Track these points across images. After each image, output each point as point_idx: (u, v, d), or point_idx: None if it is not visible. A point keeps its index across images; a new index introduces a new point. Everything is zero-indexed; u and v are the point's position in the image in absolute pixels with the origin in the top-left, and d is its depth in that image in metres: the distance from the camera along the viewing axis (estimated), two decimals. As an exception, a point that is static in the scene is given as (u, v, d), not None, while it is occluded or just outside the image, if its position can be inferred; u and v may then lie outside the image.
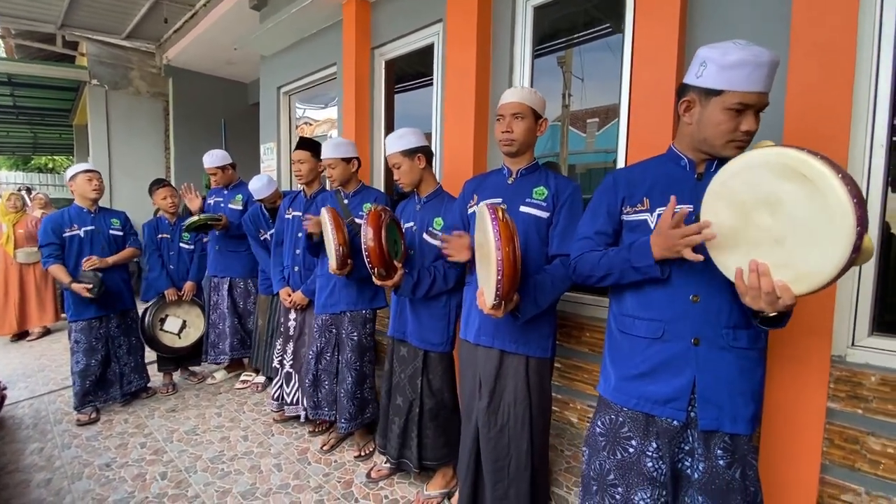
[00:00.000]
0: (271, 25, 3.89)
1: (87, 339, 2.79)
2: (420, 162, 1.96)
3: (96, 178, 2.84)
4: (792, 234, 0.86)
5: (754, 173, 0.90)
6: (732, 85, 1.02)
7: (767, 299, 0.91)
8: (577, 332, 2.34)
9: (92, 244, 2.82)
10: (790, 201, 0.85)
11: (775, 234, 0.89)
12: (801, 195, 0.84)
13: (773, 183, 0.87)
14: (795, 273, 0.87)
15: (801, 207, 0.84)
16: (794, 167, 0.84)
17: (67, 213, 2.80)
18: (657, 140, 1.87)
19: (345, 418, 2.28)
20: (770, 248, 0.90)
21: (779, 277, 0.89)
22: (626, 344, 1.24)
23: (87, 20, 5.47)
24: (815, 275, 0.85)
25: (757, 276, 0.91)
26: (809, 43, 1.54)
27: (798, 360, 1.57)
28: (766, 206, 0.89)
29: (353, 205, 2.36)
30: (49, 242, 2.70)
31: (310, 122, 4.76)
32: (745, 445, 1.13)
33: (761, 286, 0.91)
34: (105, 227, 2.89)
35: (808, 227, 0.84)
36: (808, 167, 0.82)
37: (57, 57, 6.71)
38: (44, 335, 4.76)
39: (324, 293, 2.36)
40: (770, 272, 0.90)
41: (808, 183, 0.82)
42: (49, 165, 18.38)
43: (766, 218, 0.89)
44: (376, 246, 1.68)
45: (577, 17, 2.72)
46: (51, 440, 2.58)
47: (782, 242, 0.88)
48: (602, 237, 1.31)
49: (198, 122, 6.74)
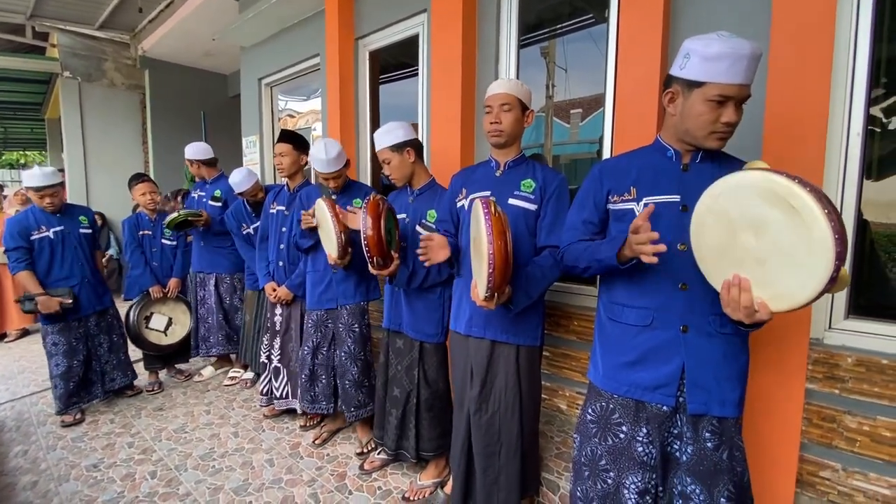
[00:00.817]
0: (251, 15, 3.80)
1: (66, 340, 2.72)
2: (409, 156, 1.96)
3: (48, 195, 2.61)
4: (774, 257, 0.91)
5: (745, 194, 0.93)
6: (713, 77, 1.04)
7: (745, 312, 0.96)
8: (566, 321, 2.37)
9: (63, 245, 2.70)
10: (775, 227, 0.89)
11: (758, 255, 0.93)
12: (785, 223, 0.87)
13: (761, 207, 0.91)
14: (774, 293, 0.92)
15: (784, 234, 0.88)
16: (781, 195, 0.87)
17: (32, 215, 2.65)
18: (642, 130, 1.89)
19: (353, 406, 2.29)
20: (752, 266, 0.94)
21: (758, 294, 0.94)
22: (616, 332, 1.27)
23: (58, 10, 5.27)
24: (791, 297, 0.90)
25: (738, 291, 0.95)
26: (789, 31, 1.57)
27: (778, 343, 1.62)
28: (752, 228, 0.93)
29: (341, 201, 2.33)
30: (16, 247, 2.56)
31: (293, 115, 4.68)
32: (732, 427, 1.17)
33: (741, 300, 0.95)
34: (74, 226, 2.77)
35: (789, 253, 0.88)
36: (796, 198, 0.85)
37: (27, 48, 6.46)
38: (22, 336, 4.64)
39: (318, 289, 2.35)
40: (750, 288, 0.94)
41: (793, 213, 0.85)
42: (21, 161, 17.77)
43: (751, 238, 0.93)
44: (375, 235, 1.68)
45: (562, 7, 2.72)
46: (35, 442, 2.53)
47: (763, 263, 0.92)
48: (589, 226, 1.34)
49: (176, 115, 6.58)
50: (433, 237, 1.64)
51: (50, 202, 2.63)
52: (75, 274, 2.75)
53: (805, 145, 1.54)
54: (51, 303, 2.58)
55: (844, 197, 1.59)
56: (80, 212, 2.88)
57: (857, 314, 1.63)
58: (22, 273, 2.58)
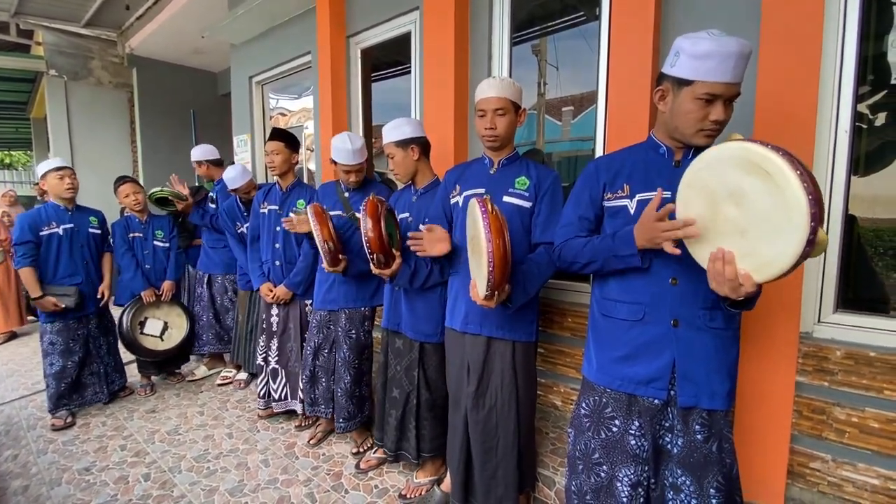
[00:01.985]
0: (242, 12, 3.76)
1: (64, 340, 2.71)
2: (413, 153, 1.95)
3: (68, 176, 2.73)
4: (754, 226, 0.91)
5: (722, 166, 0.94)
6: (701, 75, 1.05)
7: (730, 286, 0.96)
8: (560, 317, 2.39)
9: (71, 243, 2.75)
10: (752, 195, 0.90)
11: (740, 226, 0.93)
12: (762, 189, 0.88)
13: (739, 176, 0.91)
14: (757, 262, 0.92)
15: (762, 201, 0.88)
16: (756, 162, 0.88)
17: (45, 211, 2.71)
18: (635, 127, 1.90)
19: (343, 417, 2.26)
20: (735, 238, 0.95)
21: (742, 266, 0.94)
22: (609, 327, 1.28)
23: (43, 7, 5.17)
24: (773, 265, 0.89)
25: (722, 264, 0.96)
26: (778, 28, 1.59)
27: (769, 337, 1.65)
28: (732, 199, 0.93)
29: (353, 199, 2.31)
30: (25, 241, 2.60)
31: (284, 113, 4.65)
32: (722, 420, 1.19)
33: (725, 273, 0.95)
34: (84, 225, 2.82)
35: (768, 219, 0.88)
36: (769, 162, 0.86)
37: (11, 46, 6.34)
38: (9, 339, 4.57)
39: (322, 288, 2.33)
40: (735, 260, 0.95)
41: (768, 178, 0.86)
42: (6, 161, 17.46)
43: (732, 209, 0.94)
44: (376, 235, 1.68)
45: (553, 5, 2.73)
46: (25, 446, 2.50)
47: (745, 233, 0.93)
48: (585, 222, 1.35)
49: (165, 114, 6.49)
50: (435, 228, 1.64)
51: (70, 183, 2.72)
52: (80, 272, 2.77)
53: (794, 143, 1.56)
54: (46, 303, 2.61)
55: (832, 193, 1.62)
56: (91, 212, 2.93)
57: (846, 308, 1.66)
58: (25, 269, 2.61)
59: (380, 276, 1.81)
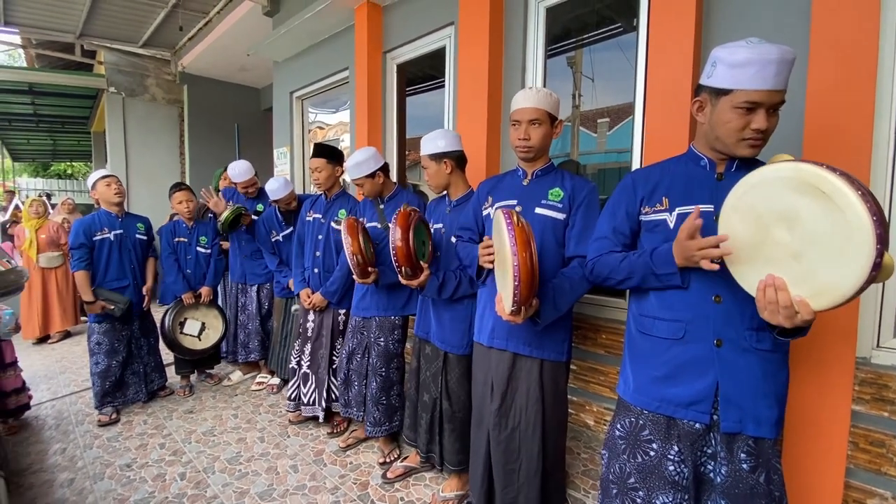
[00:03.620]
0: (284, 31, 3.94)
1: (109, 340, 2.86)
2: (446, 167, 1.97)
3: (115, 182, 2.91)
4: (810, 250, 0.85)
5: (771, 187, 0.89)
6: (739, 84, 1.02)
7: (785, 314, 0.90)
8: (594, 333, 2.33)
9: (121, 247, 2.92)
10: (807, 217, 0.84)
11: (793, 249, 0.88)
12: (818, 211, 0.82)
13: (790, 198, 0.86)
14: (813, 288, 0.86)
15: (818, 223, 0.83)
16: (810, 182, 0.83)
17: (98, 217, 2.90)
18: (674, 139, 1.85)
19: (370, 422, 2.30)
20: (788, 262, 0.89)
21: (797, 292, 0.88)
22: (647, 345, 1.23)
23: (105, 29, 5.60)
24: (833, 291, 0.83)
25: (774, 291, 0.90)
26: (830, 38, 1.51)
27: (822, 363, 1.54)
28: (784, 221, 0.88)
29: (388, 210, 2.36)
30: (80, 245, 2.77)
31: (322, 126, 4.81)
32: (770, 449, 1.12)
33: (779, 301, 0.90)
34: (132, 231, 2.99)
35: (826, 242, 0.83)
36: (826, 182, 0.80)
37: (76, 66, 6.87)
38: (64, 338, 4.86)
39: (358, 295, 2.39)
40: (787, 287, 0.89)
41: (825, 199, 0.81)
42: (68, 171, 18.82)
43: (784, 233, 0.89)
44: (404, 246, 1.69)
45: (589, 17, 2.72)
46: (73, 441, 2.63)
47: (800, 258, 0.87)
48: (619, 237, 1.31)
49: (212, 128, 6.86)
50: None
51: (116, 189, 2.89)
52: (127, 276, 2.93)
53: (849, 156, 1.47)
54: (95, 307, 2.79)
55: (892, 209, 1.51)
56: (139, 219, 3.10)
57: (908, 333, 1.54)
58: (80, 273, 2.77)
59: (408, 286, 1.82)
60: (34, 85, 6.54)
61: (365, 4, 3.37)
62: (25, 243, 4.59)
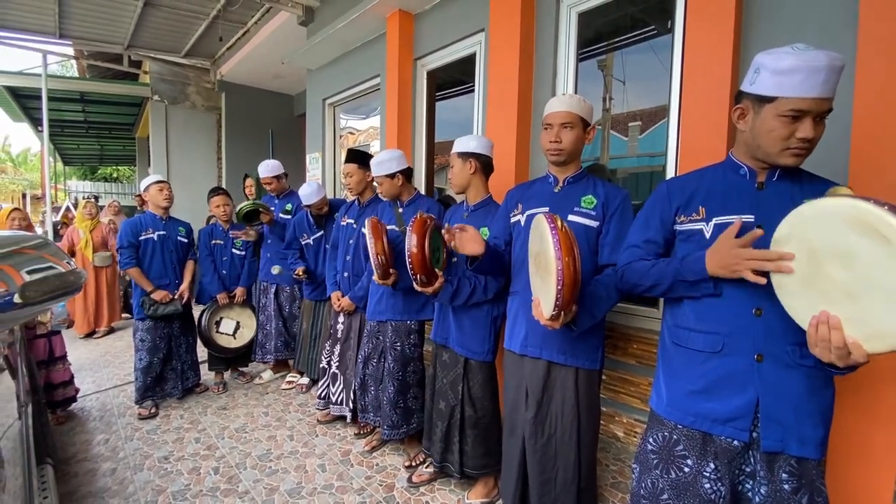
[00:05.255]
0: (318, 40, 4.05)
1: (152, 338, 3.00)
2: (470, 167, 1.99)
3: (166, 188, 3.09)
4: (867, 291, 0.82)
5: (829, 223, 0.86)
6: (785, 91, 0.99)
7: (838, 353, 0.87)
8: (625, 343, 2.28)
9: (163, 247, 3.06)
10: (866, 258, 0.81)
11: (848, 289, 0.84)
12: (878, 253, 0.79)
13: (849, 236, 0.82)
14: (869, 331, 0.82)
15: (877, 266, 0.79)
16: (871, 224, 0.79)
17: (143, 219, 3.07)
18: (711, 145, 1.80)
19: (387, 426, 2.31)
20: (841, 301, 0.85)
21: (850, 332, 0.85)
22: (682, 358, 1.20)
23: (150, 41, 5.89)
24: (890, 337, 0.80)
25: (828, 329, 0.87)
26: (879, 42, 1.44)
27: (871, 382, 1.46)
28: (839, 259, 0.84)
29: (407, 214, 2.39)
30: (129, 244, 2.94)
31: (353, 132, 4.90)
32: (814, 470, 1.07)
33: (832, 340, 0.86)
34: (174, 233, 3.14)
35: (884, 287, 0.79)
36: (887, 227, 0.77)
37: (123, 75, 7.26)
38: (108, 333, 5.11)
39: (373, 299, 2.41)
40: (841, 326, 0.85)
41: (886, 243, 0.78)
42: (114, 175, 19.84)
43: (839, 270, 0.85)
44: (419, 253, 1.70)
45: (622, 21, 2.68)
46: (115, 432, 2.76)
47: (855, 298, 0.83)
48: (652, 246, 1.29)
49: (247, 134, 7.11)
50: (468, 228, 1.60)
51: (167, 195, 3.08)
52: (168, 275, 3.07)
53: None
54: (158, 294, 2.97)
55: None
56: (181, 223, 3.25)
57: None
58: (133, 269, 2.95)
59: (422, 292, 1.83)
60: (85, 94, 6.95)
61: (397, 13, 3.43)
62: (81, 243, 4.86)
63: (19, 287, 1.03)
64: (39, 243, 1.23)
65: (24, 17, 5.06)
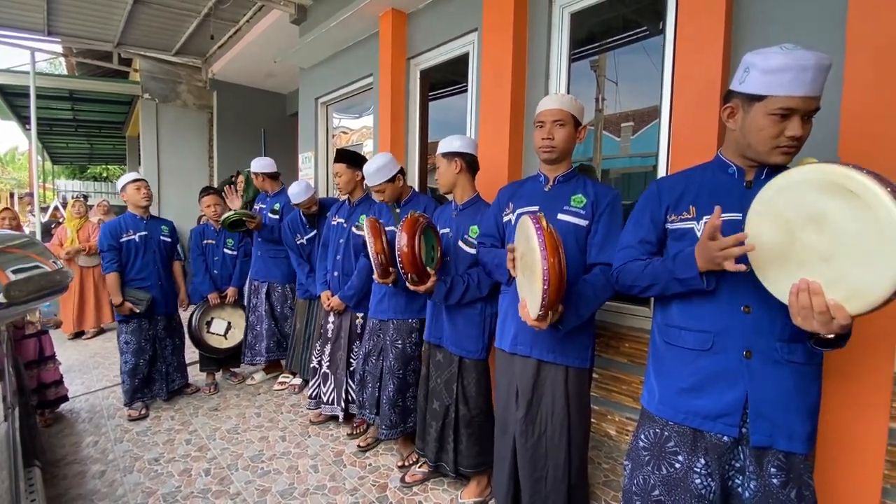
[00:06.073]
0: (311, 39, 4.03)
1: (136, 339, 2.95)
2: (456, 167, 1.99)
3: (144, 186, 3.00)
4: (840, 251, 0.83)
5: (797, 190, 0.88)
6: (774, 90, 1.00)
7: (821, 319, 0.87)
8: (616, 342, 2.29)
9: (145, 248, 3.00)
10: (836, 217, 0.83)
11: (823, 252, 0.86)
12: (847, 211, 0.81)
13: (818, 199, 0.84)
14: (848, 291, 0.83)
15: (848, 223, 0.81)
16: (838, 182, 0.81)
17: (123, 220, 2.99)
18: (701, 145, 1.82)
19: (385, 425, 2.30)
20: (818, 266, 0.87)
21: (831, 296, 0.85)
22: (672, 356, 1.21)
23: (140, 38, 5.83)
24: (868, 292, 0.81)
25: (808, 295, 0.88)
26: (866, 43, 1.47)
27: (856, 376, 1.48)
28: (812, 223, 0.86)
29: (404, 213, 2.38)
30: (110, 247, 2.88)
31: (346, 131, 4.89)
32: (802, 465, 1.08)
33: (813, 305, 0.87)
34: (156, 233, 3.07)
35: (857, 243, 0.81)
36: (853, 181, 0.79)
37: (113, 73, 7.18)
38: (98, 334, 5.05)
39: (376, 297, 2.40)
40: (822, 290, 0.86)
41: (853, 197, 0.79)
42: (103, 174, 19.62)
43: (812, 235, 0.87)
44: (409, 252, 1.70)
45: (614, 21, 2.69)
46: (105, 434, 2.73)
47: (830, 260, 0.85)
48: (646, 246, 1.30)
49: (239, 132, 7.06)
50: None
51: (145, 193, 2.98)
52: (151, 276, 3.01)
53: (887, 163, 1.42)
54: (124, 309, 2.88)
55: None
56: (163, 222, 3.19)
57: (952, 347, 1.47)
58: (112, 274, 2.88)
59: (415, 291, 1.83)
60: (74, 92, 6.86)
61: (390, 12, 3.42)
62: (67, 242, 4.80)
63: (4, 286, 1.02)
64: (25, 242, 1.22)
65: (11, 14, 4.98)
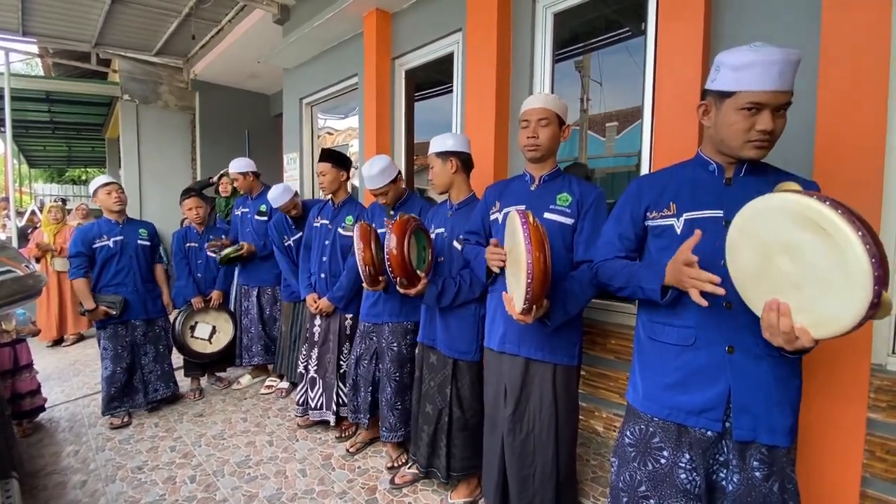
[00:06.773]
0: (294, 39, 3.99)
1: (113, 345, 2.86)
2: (451, 167, 1.98)
3: (115, 190, 2.86)
4: (811, 283, 0.87)
5: (776, 217, 0.90)
6: (742, 85, 1.03)
7: (785, 338, 0.91)
8: (603, 339, 2.31)
9: (121, 254, 2.88)
10: (809, 250, 0.85)
11: (794, 279, 0.89)
12: (819, 246, 0.83)
13: (794, 231, 0.87)
14: (815, 318, 0.87)
15: (819, 259, 0.84)
16: (812, 218, 0.83)
17: (97, 226, 2.88)
18: (683, 143, 1.84)
19: (386, 428, 2.28)
20: (790, 291, 0.90)
21: (799, 320, 0.89)
22: (656, 351, 1.22)
23: (119, 38, 5.70)
24: (832, 324, 0.85)
25: (777, 315, 0.91)
26: (840, 43, 1.50)
27: (836, 370, 1.52)
28: (787, 252, 0.89)
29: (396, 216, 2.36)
30: (78, 253, 2.77)
31: (331, 132, 4.85)
32: (784, 458, 1.10)
33: (780, 325, 0.90)
34: (133, 237, 2.94)
35: (826, 277, 0.84)
36: (826, 220, 0.81)
37: (91, 74, 7.00)
38: (78, 341, 4.93)
39: (368, 301, 2.37)
40: (790, 313, 0.90)
41: (826, 236, 0.82)
42: (82, 178, 19.14)
43: (787, 263, 0.90)
44: (398, 255, 1.69)
45: (597, 22, 2.72)
46: (86, 443, 2.66)
47: (801, 288, 0.88)
48: (625, 241, 1.32)
49: (223, 134, 6.95)
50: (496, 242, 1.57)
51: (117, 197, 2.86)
52: (127, 282, 2.90)
53: (860, 163, 1.46)
54: (97, 314, 2.78)
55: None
56: (141, 225, 3.06)
57: (925, 339, 1.51)
58: (78, 280, 2.76)
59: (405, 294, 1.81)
60: (51, 93, 6.68)
61: (374, 12, 3.41)
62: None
63: (-26, 293, 0.98)
64: (-3, 247, 1.18)
65: (-17, 14, 4.84)
